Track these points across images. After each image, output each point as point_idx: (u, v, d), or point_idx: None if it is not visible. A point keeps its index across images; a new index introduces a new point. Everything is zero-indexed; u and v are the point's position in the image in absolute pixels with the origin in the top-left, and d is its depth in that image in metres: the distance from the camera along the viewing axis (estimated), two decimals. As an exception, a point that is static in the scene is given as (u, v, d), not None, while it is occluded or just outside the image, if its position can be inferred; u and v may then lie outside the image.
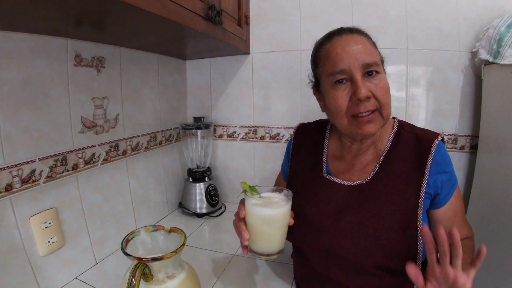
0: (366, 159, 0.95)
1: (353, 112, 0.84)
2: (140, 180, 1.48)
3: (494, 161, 1.25)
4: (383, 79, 0.84)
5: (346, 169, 0.97)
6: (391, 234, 0.82)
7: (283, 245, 0.85)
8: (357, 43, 0.84)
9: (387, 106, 0.84)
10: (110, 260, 1.23)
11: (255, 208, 0.81)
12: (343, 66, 0.83)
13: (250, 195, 0.81)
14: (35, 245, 0.96)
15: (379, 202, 0.86)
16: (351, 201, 0.89)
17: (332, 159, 1.02)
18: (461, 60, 1.46)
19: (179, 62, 1.82)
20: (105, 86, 1.24)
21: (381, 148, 0.94)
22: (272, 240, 0.82)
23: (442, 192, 0.86)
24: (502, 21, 1.22)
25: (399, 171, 0.88)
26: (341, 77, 0.84)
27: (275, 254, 0.83)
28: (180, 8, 0.96)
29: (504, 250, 1.11)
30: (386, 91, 0.84)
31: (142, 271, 0.72)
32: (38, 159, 0.97)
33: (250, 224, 0.82)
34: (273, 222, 0.80)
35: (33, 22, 0.85)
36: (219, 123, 1.88)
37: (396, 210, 0.84)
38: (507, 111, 1.15)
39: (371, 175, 0.90)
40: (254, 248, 0.83)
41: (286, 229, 0.84)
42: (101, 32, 1.07)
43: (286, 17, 1.67)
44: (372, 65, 0.82)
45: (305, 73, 1.64)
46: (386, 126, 0.96)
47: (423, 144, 0.88)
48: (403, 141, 0.92)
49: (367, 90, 0.81)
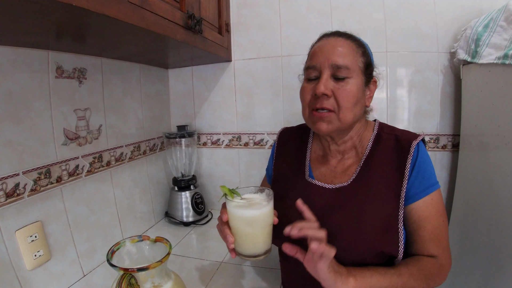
0: (347, 162, 0.97)
1: (312, 106, 0.89)
2: (125, 190, 1.47)
3: (476, 159, 1.28)
4: (352, 84, 0.86)
5: (328, 172, 0.98)
6: (372, 236, 0.83)
7: (269, 245, 0.85)
8: (336, 45, 0.88)
9: (346, 110, 0.86)
10: (98, 272, 1.21)
11: (237, 211, 0.81)
12: (315, 62, 0.89)
13: (231, 198, 0.81)
14: (22, 259, 0.95)
15: (360, 204, 0.87)
16: (333, 204, 0.90)
17: (315, 162, 1.03)
18: (440, 61, 1.50)
19: (161, 71, 1.82)
20: (87, 97, 1.24)
21: (362, 151, 0.96)
22: (257, 241, 0.82)
23: (413, 186, 0.85)
24: (479, 21, 1.26)
25: (380, 173, 0.89)
26: (313, 73, 0.90)
27: (262, 254, 0.83)
28: (160, 18, 0.98)
29: (488, 247, 1.14)
30: (349, 96, 0.85)
31: (128, 281, 0.73)
32: (22, 172, 0.96)
33: (234, 227, 0.82)
34: (257, 223, 0.80)
35: (13, 35, 0.85)
36: (203, 131, 1.89)
37: (377, 212, 0.85)
38: (487, 109, 1.18)
39: (352, 178, 0.92)
40: (241, 251, 0.83)
41: (270, 229, 0.84)
42: (82, 44, 1.07)
43: (266, 24, 1.69)
44: (341, 67, 0.85)
45: (286, 79, 1.67)
46: (367, 128, 0.99)
47: (402, 145, 0.90)
48: (383, 143, 0.94)
49: (327, 88, 0.84)
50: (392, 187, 0.87)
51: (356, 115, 0.89)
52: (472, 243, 1.21)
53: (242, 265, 1.27)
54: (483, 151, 1.21)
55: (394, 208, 0.85)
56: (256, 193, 0.88)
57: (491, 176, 1.15)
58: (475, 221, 1.23)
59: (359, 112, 0.90)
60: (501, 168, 1.08)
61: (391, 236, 0.83)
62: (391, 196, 0.86)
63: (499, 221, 1.07)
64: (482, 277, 1.16)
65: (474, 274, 1.20)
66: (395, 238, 0.83)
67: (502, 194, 1.07)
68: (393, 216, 0.84)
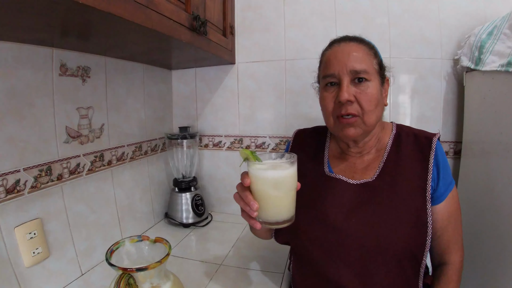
0: (368, 159, 0.98)
1: (337, 113, 0.89)
2: (125, 190, 1.47)
3: (478, 166, 1.27)
4: (372, 87, 0.87)
5: (348, 168, 0.99)
6: (404, 230, 0.84)
7: (293, 212, 0.80)
8: (351, 51, 0.89)
9: (370, 113, 0.87)
10: (96, 271, 1.21)
11: (262, 172, 0.76)
12: (333, 70, 0.89)
13: (253, 161, 0.76)
14: (20, 256, 0.94)
15: (389, 199, 0.88)
16: (360, 199, 0.91)
17: (333, 160, 1.04)
18: (443, 68, 1.50)
19: (164, 72, 1.83)
20: (90, 95, 1.24)
21: (382, 148, 0.98)
22: (283, 205, 0.78)
23: (439, 187, 0.88)
24: (483, 29, 1.26)
25: (404, 168, 0.92)
26: (331, 80, 0.90)
27: (287, 221, 0.78)
28: (165, 18, 0.98)
29: (488, 254, 1.14)
30: (371, 99, 0.86)
31: (127, 281, 0.72)
32: (23, 169, 0.96)
33: (258, 190, 0.77)
34: (283, 184, 0.76)
35: (18, 32, 0.86)
36: (205, 132, 1.89)
37: (407, 206, 0.87)
38: (489, 117, 1.18)
39: (376, 173, 0.93)
40: (264, 217, 0.78)
41: (295, 193, 0.80)
42: (87, 42, 1.08)
43: (270, 27, 1.70)
44: (360, 72, 0.86)
45: (290, 82, 1.67)
46: (385, 128, 1.01)
47: (422, 141, 0.93)
48: (403, 140, 0.96)
49: (350, 94, 0.85)
50: (417, 182, 0.89)
51: (378, 116, 0.91)
52: (473, 250, 1.19)
53: (241, 268, 1.26)
54: (485, 158, 1.21)
55: (422, 200, 0.87)
56: (275, 159, 0.83)
57: (493, 183, 1.14)
58: (477, 228, 1.22)
59: (380, 113, 0.92)
60: (503, 176, 1.07)
61: (421, 229, 0.85)
62: (418, 190, 0.88)
63: (501, 228, 1.07)
64: (482, 283, 1.16)
65: (474, 279, 1.19)
66: (424, 231, 0.85)
67: (503, 201, 1.06)
68: (423, 209, 0.86)
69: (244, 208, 0.79)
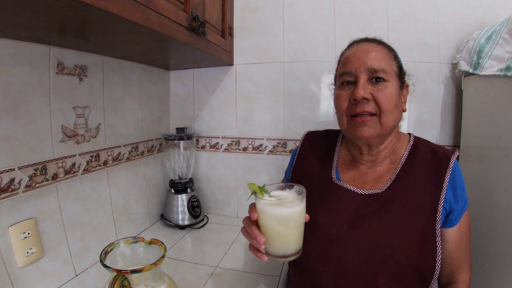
0: (380, 169, 0.93)
1: (351, 112, 0.85)
2: (121, 191, 1.46)
3: (476, 170, 1.27)
4: (390, 87, 0.84)
5: (358, 178, 0.94)
6: (410, 248, 0.80)
7: (300, 245, 0.79)
8: (370, 50, 0.87)
9: (387, 114, 0.83)
10: (90, 273, 1.20)
11: (269, 209, 0.75)
12: (350, 68, 0.86)
13: (261, 196, 0.75)
14: (13, 256, 0.93)
15: (397, 213, 0.84)
16: (366, 210, 0.86)
17: (342, 166, 1.00)
18: (441, 72, 1.50)
19: (162, 73, 1.82)
20: (87, 95, 1.23)
21: (396, 160, 0.93)
22: (290, 240, 0.77)
23: (455, 209, 0.84)
24: (482, 33, 1.27)
25: (416, 183, 0.87)
26: (348, 78, 0.87)
27: (294, 254, 0.77)
28: (164, 18, 0.97)
29: (487, 259, 1.13)
30: (389, 98, 0.83)
31: (121, 283, 0.71)
32: (18, 167, 0.95)
33: (265, 226, 0.76)
34: (290, 221, 0.75)
35: (15, 29, 0.85)
36: (202, 134, 1.88)
37: (414, 223, 0.82)
38: (487, 121, 1.18)
39: (386, 185, 0.88)
40: (271, 251, 0.77)
41: (303, 228, 0.78)
42: (84, 41, 1.07)
43: (269, 29, 1.70)
44: (379, 71, 0.84)
45: (288, 85, 1.67)
46: (401, 139, 0.97)
47: (440, 158, 0.88)
48: (419, 154, 0.91)
49: (366, 92, 0.82)
50: (429, 200, 0.84)
51: (396, 120, 0.87)
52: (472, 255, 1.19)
53: (237, 270, 1.26)
54: (483, 163, 1.21)
55: (431, 221, 0.82)
56: (284, 190, 0.82)
57: (490, 187, 1.14)
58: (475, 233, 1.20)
59: (398, 116, 0.88)
60: (501, 180, 1.07)
61: (429, 250, 0.80)
62: (428, 208, 0.83)
63: (499, 233, 1.07)
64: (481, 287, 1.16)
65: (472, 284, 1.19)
66: (432, 252, 0.80)
67: (501, 206, 1.06)
68: (431, 230, 0.81)
69: (251, 242, 0.78)
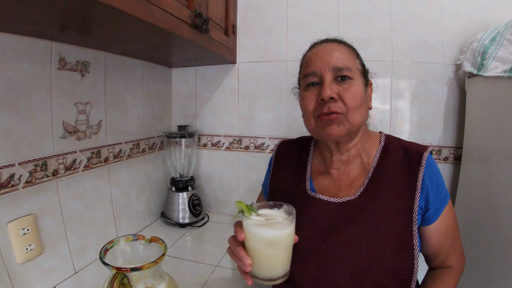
0: (353, 174, 0.92)
1: (318, 113, 0.84)
2: (122, 188, 1.46)
3: (478, 172, 1.26)
4: (356, 84, 0.84)
5: (332, 185, 0.93)
6: (386, 253, 0.79)
7: (288, 268, 0.76)
8: (332, 50, 0.87)
9: (354, 112, 0.82)
10: (89, 270, 1.19)
11: (257, 230, 0.71)
12: (315, 68, 0.86)
13: (249, 216, 0.72)
14: (12, 252, 0.93)
15: (371, 219, 0.82)
16: (339, 219, 0.85)
17: (316, 175, 0.98)
18: (445, 73, 1.49)
19: (164, 70, 1.81)
20: (89, 91, 1.23)
21: (369, 162, 0.92)
22: (278, 263, 0.73)
23: (432, 207, 0.83)
24: (486, 34, 1.26)
25: (390, 186, 0.85)
26: (313, 79, 0.86)
27: (281, 278, 0.74)
28: (167, 14, 0.97)
29: (488, 260, 1.13)
30: (355, 96, 0.82)
31: (120, 281, 0.71)
32: (18, 163, 0.94)
33: (251, 248, 0.73)
34: (279, 244, 0.71)
35: (17, 23, 0.84)
36: (204, 132, 1.88)
37: (389, 227, 0.81)
38: (491, 123, 1.17)
39: (359, 191, 0.87)
40: (257, 274, 0.74)
41: (291, 250, 0.75)
42: (87, 37, 1.06)
43: (272, 28, 1.69)
44: (343, 69, 0.83)
45: (290, 84, 1.66)
46: (372, 139, 0.96)
47: (412, 156, 0.87)
48: (391, 154, 0.90)
49: (333, 92, 0.81)
50: (403, 200, 0.83)
51: (363, 117, 0.86)
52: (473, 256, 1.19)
53: (237, 269, 1.24)
54: (486, 165, 1.20)
55: (407, 222, 0.81)
56: (272, 209, 0.79)
57: (493, 189, 1.13)
58: (477, 234, 1.21)
59: (365, 114, 0.88)
60: (503, 182, 1.06)
61: (405, 253, 0.79)
62: (403, 209, 0.82)
63: (500, 235, 1.06)
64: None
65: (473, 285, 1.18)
66: (410, 254, 0.79)
67: (504, 208, 1.05)
68: (407, 230, 0.80)
69: (237, 263, 0.76)
